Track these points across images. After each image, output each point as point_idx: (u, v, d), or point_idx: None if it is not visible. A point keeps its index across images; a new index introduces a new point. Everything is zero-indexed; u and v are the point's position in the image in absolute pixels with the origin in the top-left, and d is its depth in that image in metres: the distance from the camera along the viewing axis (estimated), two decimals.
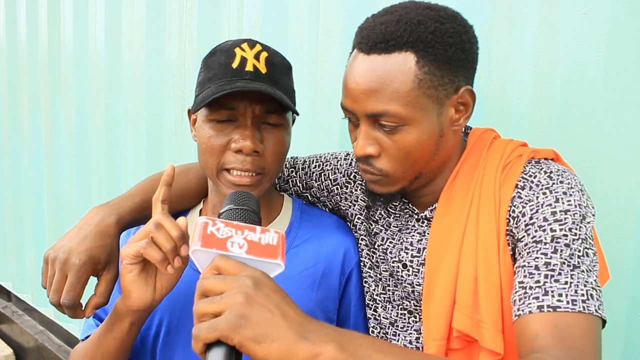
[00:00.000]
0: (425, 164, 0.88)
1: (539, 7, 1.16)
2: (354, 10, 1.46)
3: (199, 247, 0.63)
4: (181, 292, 1.00)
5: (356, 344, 0.60)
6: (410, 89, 0.81)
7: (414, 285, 0.97)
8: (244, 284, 0.59)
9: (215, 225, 0.64)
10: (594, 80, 1.10)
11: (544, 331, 0.71)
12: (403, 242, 1.00)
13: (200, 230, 0.64)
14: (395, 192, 0.91)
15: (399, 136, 0.84)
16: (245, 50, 0.91)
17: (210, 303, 0.59)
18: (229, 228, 0.65)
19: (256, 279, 0.60)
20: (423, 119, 0.83)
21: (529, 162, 0.88)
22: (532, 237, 0.80)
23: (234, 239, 0.64)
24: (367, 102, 0.83)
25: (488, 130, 0.98)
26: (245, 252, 0.63)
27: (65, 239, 0.88)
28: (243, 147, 0.89)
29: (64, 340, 3.02)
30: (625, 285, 1.10)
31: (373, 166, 0.88)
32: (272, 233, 0.66)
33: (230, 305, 0.57)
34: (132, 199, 0.98)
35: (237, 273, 0.61)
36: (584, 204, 0.81)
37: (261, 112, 0.91)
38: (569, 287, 0.74)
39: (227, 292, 0.59)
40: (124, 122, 2.35)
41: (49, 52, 2.78)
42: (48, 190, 2.92)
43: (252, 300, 0.58)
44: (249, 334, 0.56)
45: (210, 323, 0.57)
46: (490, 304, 0.84)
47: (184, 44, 2.03)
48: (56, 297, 0.85)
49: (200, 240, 0.63)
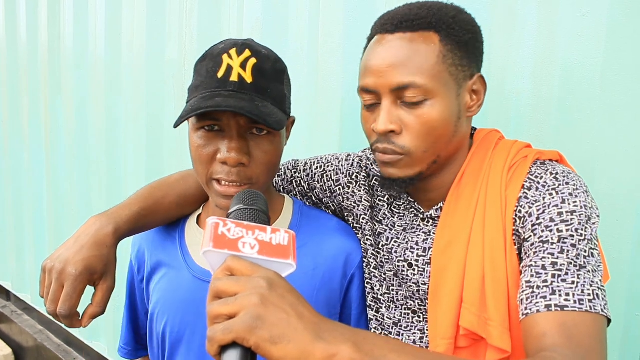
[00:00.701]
0: (444, 145, 0.89)
1: (538, 8, 1.17)
2: (354, 11, 1.47)
3: (211, 248, 0.61)
4: (183, 299, 1.01)
5: (371, 344, 0.60)
6: (435, 63, 0.85)
7: (419, 285, 0.98)
8: (258, 285, 0.58)
9: (227, 226, 0.63)
10: (592, 82, 1.10)
11: (551, 330, 0.72)
12: (408, 242, 1.00)
13: (212, 230, 0.62)
14: (412, 177, 0.90)
15: (423, 110, 0.85)
16: (233, 58, 0.89)
17: (225, 304, 0.58)
18: (239, 228, 0.64)
19: (270, 280, 0.60)
20: (445, 95, 0.86)
21: (535, 164, 0.89)
22: (539, 237, 0.81)
23: (245, 240, 0.63)
24: (394, 75, 0.85)
25: (493, 131, 0.99)
26: (257, 252, 0.62)
27: (62, 249, 0.89)
28: (227, 159, 0.88)
29: (63, 339, 3.02)
30: (623, 285, 1.11)
31: (395, 144, 0.87)
32: (283, 233, 0.65)
33: (246, 306, 0.57)
34: (130, 208, 0.98)
35: (250, 274, 0.60)
36: (589, 205, 0.82)
37: (246, 123, 0.90)
38: (576, 287, 0.75)
39: (242, 293, 0.58)
40: (124, 122, 2.35)
41: (49, 52, 2.78)
42: (48, 190, 2.92)
43: (267, 301, 0.58)
44: (266, 335, 0.56)
45: (226, 325, 0.57)
46: (498, 303, 0.85)
47: (184, 44, 2.03)
48: (53, 307, 0.85)
49: (212, 241, 0.62)
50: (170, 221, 1.08)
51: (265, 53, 0.93)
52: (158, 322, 1.03)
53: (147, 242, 1.09)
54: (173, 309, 1.01)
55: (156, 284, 1.05)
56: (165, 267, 1.05)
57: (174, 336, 1.01)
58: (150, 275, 1.07)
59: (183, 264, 1.03)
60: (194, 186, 1.08)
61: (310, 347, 0.57)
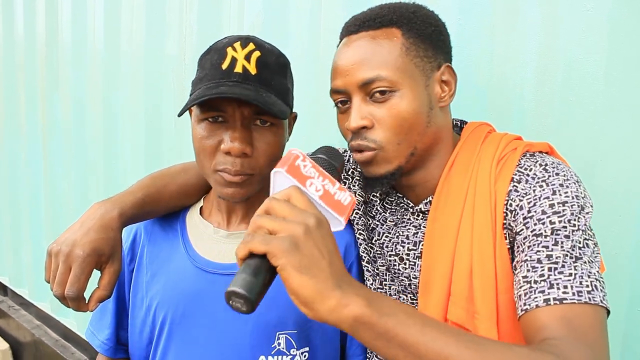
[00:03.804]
0: (418, 137, 0.89)
1: (540, 4, 1.16)
2: (354, 6, 1.46)
3: (284, 171, 0.66)
4: (185, 289, 1.01)
5: (382, 303, 0.62)
6: (398, 55, 0.87)
7: (410, 279, 0.98)
8: (308, 220, 0.61)
9: (305, 162, 0.68)
10: (595, 77, 1.10)
11: (552, 323, 0.72)
12: (399, 236, 1.01)
13: (290, 158, 0.67)
14: (393, 172, 0.91)
15: (391, 103, 0.87)
16: (237, 51, 0.91)
17: (273, 220, 0.61)
18: (314, 170, 0.68)
19: (320, 221, 0.63)
20: (412, 86, 0.88)
21: (524, 156, 0.89)
22: (532, 231, 0.81)
23: (314, 181, 0.67)
24: (359, 71, 0.87)
25: (483, 124, 1.00)
26: (319, 197, 0.67)
27: (68, 233, 0.89)
28: (231, 149, 0.89)
29: (60, 334, 3.02)
30: (625, 281, 1.11)
31: (368, 139, 0.89)
32: (347, 194, 0.69)
33: (290, 230, 0.60)
34: (134, 195, 0.99)
35: (305, 209, 0.63)
36: (581, 195, 0.82)
37: (250, 113, 0.91)
38: (574, 279, 0.75)
39: (291, 219, 0.61)
40: (123, 118, 2.35)
41: (46, 46, 2.76)
42: (45, 185, 2.91)
43: (310, 235, 0.60)
44: (295, 262, 0.59)
45: (266, 237, 0.60)
46: (485, 296, 0.85)
47: (184, 38, 2.02)
48: (60, 290, 0.85)
49: (287, 166, 0.66)
50: (171, 210, 1.08)
51: (268, 47, 0.95)
52: (157, 312, 1.02)
53: (145, 233, 1.09)
54: (175, 300, 1.00)
55: (155, 275, 1.05)
56: (166, 258, 1.05)
57: (173, 326, 1.01)
58: (148, 267, 1.07)
59: (185, 254, 1.03)
60: (194, 177, 1.09)
61: (328, 291, 0.59)
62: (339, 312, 0.59)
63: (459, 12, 1.28)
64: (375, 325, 0.60)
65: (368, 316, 0.60)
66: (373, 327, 0.60)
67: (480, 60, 1.26)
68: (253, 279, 0.59)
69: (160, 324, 1.02)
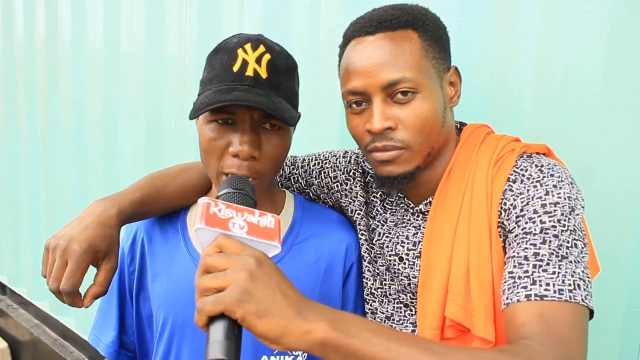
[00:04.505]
0: (436, 137, 0.91)
1: (540, 5, 1.17)
2: (355, 6, 1.46)
3: (203, 225, 0.64)
4: (186, 288, 1.00)
5: (348, 323, 0.62)
6: (420, 57, 0.88)
7: (409, 278, 0.99)
8: (247, 262, 0.61)
9: (217, 206, 0.67)
10: (594, 79, 1.11)
11: (530, 320, 0.73)
12: (399, 236, 1.02)
13: (203, 210, 0.66)
14: (411, 172, 0.91)
15: (415, 104, 0.87)
16: (248, 53, 0.91)
17: (215, 278, 0.61)
18: (230, 210, 0.67)
19: (258, 258, 0.63)
20: (432, 88, 0.89)
21: (521, 157, 0.91)
22: (522, 229, 0.82)
23: (235, 220, 0.66)
24: (383, 73, 0.87)
25: (482, 125, 1.01)
26: (245, 232, 0.66)
27: (66, 228, 0.90)
28: (240, 152, 0.89)
29: (59, 333, 3.02)
30: (624, 281, 1.12)
31: (394, 139, 0.89)
32: (270, 217, 0.69)
33: (235, 280, 0.60)
34: (133, 194, 0.99)
35: (239, 252, 0.63)
36: (573, 196, 0.83)
37: (259, 117, 0.91)
38: (557, 277, 0.76)
39: (231, 269, 0.61)
40: (123, 118, 2.35)
41: (46, 46, 2.76)
42: (45, 184, 2.91)
43: (255, 277, 0.60)
44: (252, 309, 0.59)
45: (216, 297, 0.60)
46: (482, 294, 0.86)
47: (184, 38, 2.02)
48: (55, 284, 0.86)
49: (204, 219, 0.65)
50: (170, 210, 1.08)
51: (278, 49, 0.95)
52: (160, 311, 1.02)
53: (145, 234, 1.09)
54: (178, 299, 1.01)
55: (157, 275, 1.05)
56: (168, 258, 1.05)
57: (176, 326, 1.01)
58: (149, 267, 1.07)
59: (187, 254, 1.04)
60: (194, 178, 1.09)
61: (290, 323, 0.60)
62: (306, 339, 0.60)
63: (459, 13, 1.28)
64: (342, 347, 0.61)
65: (335, 339, 0.60)
66: (340, 349, 0.61)
67: (480, 62, 1.26)
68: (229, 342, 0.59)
69: (162, 323, 1.02)
